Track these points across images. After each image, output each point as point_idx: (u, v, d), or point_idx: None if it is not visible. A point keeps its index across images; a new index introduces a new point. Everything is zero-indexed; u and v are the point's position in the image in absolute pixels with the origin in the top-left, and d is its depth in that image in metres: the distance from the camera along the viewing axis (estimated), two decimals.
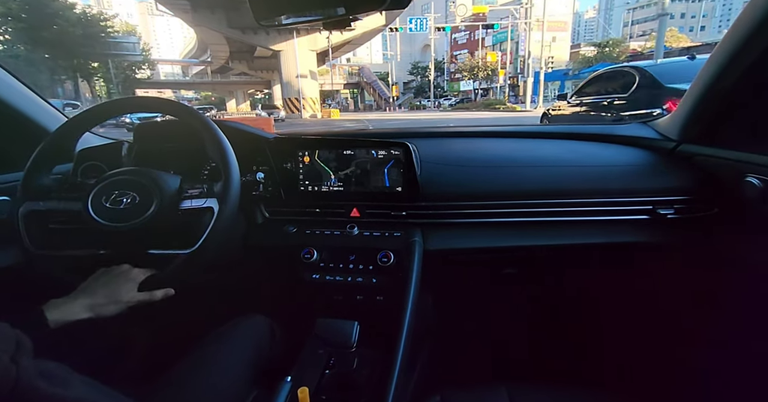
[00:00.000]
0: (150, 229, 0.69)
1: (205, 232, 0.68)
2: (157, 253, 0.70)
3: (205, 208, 0.71)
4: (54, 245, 0.72)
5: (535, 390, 0.72)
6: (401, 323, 0.77)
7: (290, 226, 0.99)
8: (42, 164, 0.76)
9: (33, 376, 0.39)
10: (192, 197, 0.73)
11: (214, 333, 0.76)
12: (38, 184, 0.75)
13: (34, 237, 0.71)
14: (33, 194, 0.73)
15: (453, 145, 1.12)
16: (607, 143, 1.07)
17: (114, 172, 0.75)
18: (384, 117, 23.73)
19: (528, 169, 0.97)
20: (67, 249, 0.72)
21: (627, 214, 0.90)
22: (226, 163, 0.73)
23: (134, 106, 0.80)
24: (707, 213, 0.87)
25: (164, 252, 0.70)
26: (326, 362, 0.77)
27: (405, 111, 36.26)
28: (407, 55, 56.64)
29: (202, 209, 0.71)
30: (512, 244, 0.93)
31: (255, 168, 1.00)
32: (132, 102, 0.80)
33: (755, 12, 0.64)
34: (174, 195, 0.72)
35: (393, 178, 0.93)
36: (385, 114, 29.02)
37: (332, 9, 0.55)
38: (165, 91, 51.06)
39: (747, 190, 0.74)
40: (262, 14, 0.60)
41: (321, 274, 0.92)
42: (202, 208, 0.71)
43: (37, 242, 0.71)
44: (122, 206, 0.70)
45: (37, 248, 0.71)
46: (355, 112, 42.53)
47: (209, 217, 0.70)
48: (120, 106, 0.80)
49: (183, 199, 0.72)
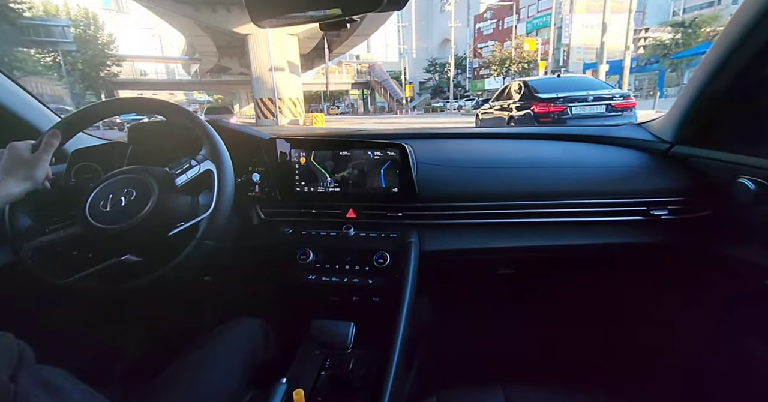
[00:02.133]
0: (159, 216, 0.69)
1: (215, 190, 0.70)
2: (177, 231, 0.70)
3: (203, 174, 0.72)
4: (77, 268, 0.71)
5: (530, 390, 0.73)
6: (397, 324, 0.77)
7: (286, 227, 0.99)
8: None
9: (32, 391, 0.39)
10: (184, 171, 0.73)
11: (208, 335, 0.75)
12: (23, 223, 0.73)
13: (50, 270, 0.71)
14: (22, 235, 0.72)
15: (449, 146, 1.12)
16: (601, 144, 1.08)
17: (104, 178, 0.75)
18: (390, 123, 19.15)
19: (524, 170, 0.97)
20: (88, 267, 0.71)
21: (621, 214, 0.91)
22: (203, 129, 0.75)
23: (127, 107, 0.80)
24: (701, 214, 0.88)
25: (184, 226, 0.70)
26: (322, 363, 0.77)
27: (419, 114, 31.68)
28: (423, 52, 51.23)
29: (201, 175, 0.72)
30: (508, 245, 0.93)
31: (250, 169, 1.00)
32: (125, 103, 0.80)
33: (747, 16, 0.65)
34: (167, 177, 0.72)
35: (389, 179, 0.93)
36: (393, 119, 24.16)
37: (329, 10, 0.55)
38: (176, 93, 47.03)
39: (739, 192, 0.74)
40: (258, 14, 0.60)
41: (317, 275, 0.92)
42: (200, 174, 0.72)
43: (55, 273, 0.71)
44: (122, 205, 0.70)
45: (60, 278, 0.70)
46: (363, 116, 38.58)
47: (211, 180, 0.71)
48: (113, 107, 0.80)
49: (177, 176, 0.72)
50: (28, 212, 0.75)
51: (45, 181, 0.72)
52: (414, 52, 47.36)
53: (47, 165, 0.71)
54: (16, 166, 0.68)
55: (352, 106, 50.48)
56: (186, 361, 0.68)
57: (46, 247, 0.71)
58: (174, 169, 0.73)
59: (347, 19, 0.56)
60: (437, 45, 50.35)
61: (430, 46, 51.62)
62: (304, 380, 0.73)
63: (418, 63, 46.62)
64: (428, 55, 46.41)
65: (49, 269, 0.71)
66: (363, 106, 48.05)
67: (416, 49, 48.45)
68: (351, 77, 43.34)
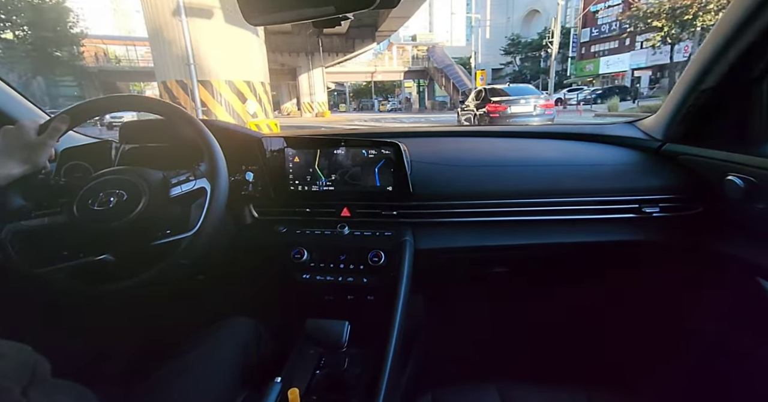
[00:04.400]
0: (145, 222, 0.69)
1: (203, 212, 0.69)
2: (159, 244, 0.69)
3: (197, 190, 0.71)
4: (50, 261, 0.70)
5: (526, 389, 0.73)
6: (392, 323, 0.77)
7: (280, 226, 0.98)
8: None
9: None
10: (180, 183, 0.72)
11: (199, 335, 0.75)
12: (15, 204, 0.72)
13: (27, 257, 0.69)
14: (11, 216, 0.70)
15: (443, 144, 1.12)
16: (593, 143, 1.09)
17: (96, 175, 0.74)
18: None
19: (517, 168, 0.98)
20: (65, 261, 0.70)
21: (614, 212, 0.92)
22: (207, 143, 0.74)
23: (118, 105, 0.79)
24: (692, 211, 0.89)
25: (166, 240, 0.69)
26: (317, 363, 0.77)
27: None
28: (500, 29, 36.01)
29: (195, 191, 0.71)
30: (502, 243, 0.94)
31: (244, 168, 0.99)
32: (116, 100, 0.79)
33: (736, 14, 0.66)
34: (161, 185, 0.72)
35: (384, 178, 0.93)
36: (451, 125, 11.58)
37: (322, 8, 0.55)
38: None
39: (729, 189, 0.75)
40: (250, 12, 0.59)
41: (311, 274, 0.92)
42: (195, 190, 0.72)
43: (31, 262, 0.69)
44: (111, 206, 0.69)
45: (33, 267, 0.69)
46: (415, 114, 27.47)
47: (203, 197, 0.70)
48: (104, 106, 0.79)
49: (172, 187, 0.72)
50: (20, 195, 0.73)
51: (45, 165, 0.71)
52: (488, 31, 32.48)
53: (51, 150, 0.71)
54: (20, 147, 0.67)
55: (407, 100, 39.09)
56: (178, 362, 0.68)
57: (27, 231, 0.70)
58: (171, 178, 0.73)
59: (341, 17, 0.56)
60: (520, 19, 37.53)
61: (509, 23, 37.85)
62: (299, 380, 0.73)
63: (492, 46, 34.07)
64: (507, 33, 34.11)
65: (24, 256, 0.69)
66: (419, 100, 37.27)
67: (490, 27, 33.29)
68: (404, 64, 32.62)
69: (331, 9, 0.54)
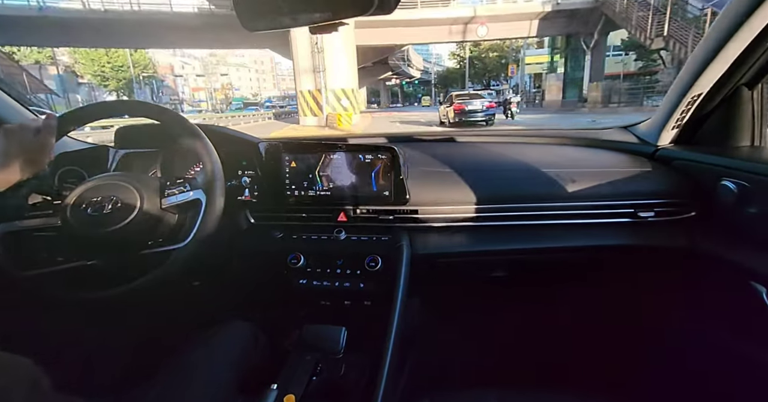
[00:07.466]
0: (138, 230, 0.68)
1: (196, 224, 0.68)
2: (149, 253, 0.69)
3: (191, 201, 0.71)
4: (39, 264, 0.69)
5: (523, 393, 0.72)
6: (389, 328, 0.77)
7: (276, 231, 0.98)
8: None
9: None
10: (175, 193, 0.72)
11: (195, 340, 0.74)
12: (9, 203, 0.71)
13: (15, 259, 0.68)
14: (6, 216, 0.70)
15: (439, 149, 1.13)
16: (589, 148, 1.10)
17: (91, 179, 0.73)
18: None
19: (513, 173, 0.98)
20: (54, 265, 0.69)
21: (610, 217, 0.92)
22: (205, 153, 0.73)
23: (114, 110, 0.78)
24: (686, 215, 0.90)
25: (157, 250, 0.69)
26: (313, 369, 0.76)
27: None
28: None
29: (190, 202, 0.71)
30: (499, 247, 0.94)
31: (240, 173, 0.99)
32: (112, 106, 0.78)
33: (728, 21, 0.67)
34: (156, 193, 0.72)
35: (380, 183, 0.93)
36: None
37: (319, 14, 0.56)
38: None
39: (723, 194, 0.76)
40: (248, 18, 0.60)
41: (308, 280, 0.91)
42: (189, 201, 0.71)
43: (20, 264, 0.68)
44: (105, 212, 0.68)
45: (21, 269, 0.68)
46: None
47: (197, 208, 0.70)
48: (98, 111, 0.78)
49: (168, 196, 0.71)
50: (17, 195, 0.72)
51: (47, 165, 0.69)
52: None
53: (52, 149, 0.69)
54: (22, 149, 0.66)
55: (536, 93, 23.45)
56: (174, 367, 0.67)
57: (19, 232, 0.69)
58: (166, 187, 0.72)
59: (337, 23, 0.57)
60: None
61: None
62: (295, 386, 0.72)
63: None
64: None
65: (13, 258, 0.68)
66: (562, 90, 19.07)
67: None
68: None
69: (328, 15, 0.55)
